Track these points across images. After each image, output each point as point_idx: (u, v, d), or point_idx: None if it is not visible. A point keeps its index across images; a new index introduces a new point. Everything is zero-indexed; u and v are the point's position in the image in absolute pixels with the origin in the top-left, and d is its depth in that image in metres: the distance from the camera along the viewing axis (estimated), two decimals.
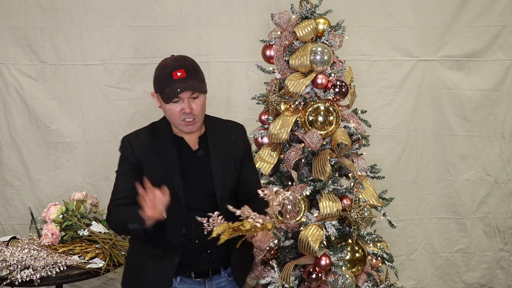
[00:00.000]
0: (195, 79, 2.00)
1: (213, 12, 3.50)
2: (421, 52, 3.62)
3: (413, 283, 3.77)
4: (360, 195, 2.72)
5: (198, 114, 2.03)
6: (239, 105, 3.52)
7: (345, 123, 2.76)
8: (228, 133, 2.15)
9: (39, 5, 3.43)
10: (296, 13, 2.78)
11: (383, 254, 2.83)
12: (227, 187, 2.07)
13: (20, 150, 3.51)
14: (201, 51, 3.50)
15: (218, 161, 2.06)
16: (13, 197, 3.54)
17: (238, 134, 2.17)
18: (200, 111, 2.03)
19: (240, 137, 2.17)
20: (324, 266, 2.59)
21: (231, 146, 2.12)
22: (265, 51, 2.85)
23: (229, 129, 2.17)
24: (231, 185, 2.09)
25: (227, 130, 2.16)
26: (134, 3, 3.46)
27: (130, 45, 3.48)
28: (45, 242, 2.59)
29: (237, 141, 2.15)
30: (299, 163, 2.77)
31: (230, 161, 2.09)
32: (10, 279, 2.32)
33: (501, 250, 3.83)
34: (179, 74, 1.99)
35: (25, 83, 3.48)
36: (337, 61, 2.80)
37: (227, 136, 2.13)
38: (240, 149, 2.14)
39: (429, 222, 3.76)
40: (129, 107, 3.52)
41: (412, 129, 3.66)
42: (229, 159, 2.09)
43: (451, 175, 3.73)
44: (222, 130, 2.14)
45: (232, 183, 2.10)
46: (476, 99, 3.67)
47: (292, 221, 2.65)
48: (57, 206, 2.73)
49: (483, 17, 3.62)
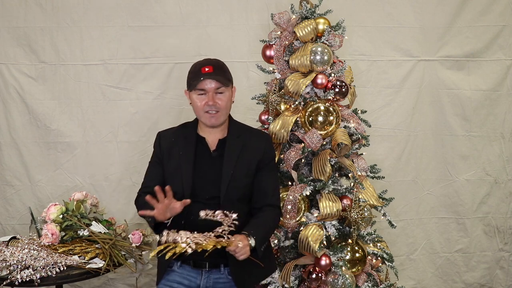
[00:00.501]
0: (221, 75, 2.17)
1: (213, 12, 3.50)
2: (421, 52, 3.62)
3: (413, 283, 3.77)
4: (360, 195, 2.72)
5: (222, 108, 2.17)
6: (239, 105, 3.51)
7: (345, 123, 2.76)
8: (248, 139, 2.22)
9: (39, 5, 3.44)
10: (296, 13, 2.78)
11: (383, 254, 2.83)
12: (235, 190, 2.14)
13: (20, 150, 3.51)
14: (201, 51, 3.50)
15: (230, 163, 2.15)
16: (13, 197, 3.54)
17: (258, 142, 2.23)
18: (224, 106, 2.17)
19: (260, 145, 2.22)
20: (324, 266, 2.59)
21: (247, 151, 2.18)
22: (265, 51, 2.85)
23: (250, 135, 2.25)
24: (241, 189, 2.15)
25: (248, 136, 2.23)
26: (134, 3, 3.46)
27: (130, 45, 3.48)
28: (45, 242, 2.59)
29: (255, 148, 2.20)
30: (299, 163, 2.77)
31: (243, 166, 2.16)
32: (10, 279, 2.32)
33: (501, 250, 3.84)
34: (207, 69, 2.18)
35: (25, 83, 3.48)
36: (337, 61, 2.80)
37: (246, 141, 2.20)
38: (257, 156, 2.19)
39: (429, 222, 3.76)
40: (129, 107, 3.52)
41: (412, 129, 3.67)
42: (243, 164, 2.16)
43: (451, 175, 3.73)
44: (243, 135, 2.22)
45: (243, 188, 2.16)
46: (476, 99, 3.67)
47: (292, 221, 2.65)
48: (57, 206, 2.73)
49: (483, 17, 3.62)
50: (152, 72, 3.51)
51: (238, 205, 2.13)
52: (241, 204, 2.16)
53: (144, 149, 3.54)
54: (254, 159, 2.17)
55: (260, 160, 2.18)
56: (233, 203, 2.12)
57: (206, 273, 2.18)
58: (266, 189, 2.18)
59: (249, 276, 2.22)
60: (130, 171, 3.54)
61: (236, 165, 2.15)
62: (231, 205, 2.08)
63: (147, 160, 3.52)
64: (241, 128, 2.29)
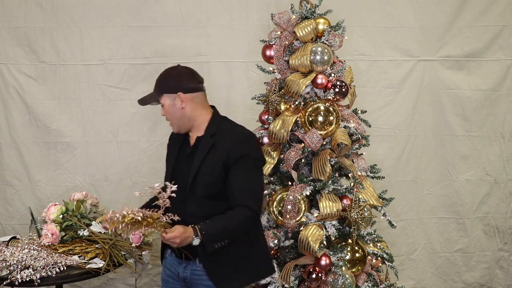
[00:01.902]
0: (156, 90, 2.28)
1: (213, 12, 3.50)
2: (421, 52, 3.62)
3: (413, 283, 3.77)
4: (360, 195, 2.72)
5: (169, 118, 2.28)
6: (239, 105, 3.52)
7: (345, 123, 2.76)
8: (219, 138, 2.21)
9: (39, 5, 3.44)
10: (296, 13, 2.78)
11: (383, 254, 2.83)
12: (198, 186, 2.19)
13: (20, 150, 3.51)
14: (201, 51, 3.50)
15: (198, 161, 2.20)
16: (13, 197, 3.54)
17: (225, 142, 2.20)
18: (170, 116, 2.27)
19: (225, 145, 2.18)
20: (324, 266, 2.59)
21: (216, 150, 2.19)
22: (265, 51, 2.85)
23: (222, 135, 2.23)
24: (204, 186, 2.18)
25: (220, 136, 2.22)
26: (134, 3, 3.46)
27: (130, 45, 3.48)
28: (45, 242, 2.59)
29: (221, 148, 2.18)
30: (299, 163, 2.77)
31: (209, 164, 2.18)
32: (10, 279, 2.32)
33: (500, 250, 3.84)
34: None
35: (25, 83, 3.48)
36: (337, 61, 2.80)
37: (217, 141, 2.21)
38: (222, 156, 2.16)
39: (429, 222, 3.76)
40: (129, 107, 3.52)
41: (412, 129, 3.67)
42: (209, 162, 2.18)
43: (451, 175, 3.73)
44: (217, 134, 2.22)
45: (206, 185, 2.18)
46: (476, 99, 3.67)
47: (292, 221, 2.65)
48: (57, 206, 2.72)
49: (483, 17, 3.62)
50: (152, 72, 3.50)
51: (203, 201, 2.19)
52: (207, 201, 2.19)
53: (144, 149, 3.54)
54: (220, 159, 2.17)
55: (225, 161, 2.16)
56: (198, 199, 2.19)
57: (184, 263, 2.27)
58: (234, 191, 2.16)
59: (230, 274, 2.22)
60: (130, 171, 3.54)
61: (203, 163, 2.19)
62: (197, 201, 2.19)
63: (147, 160, 3.55)
64: (220, 127, 2.26)
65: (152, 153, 3.54)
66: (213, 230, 2.08)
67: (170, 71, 2.28)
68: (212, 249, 2.08)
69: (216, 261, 2.18)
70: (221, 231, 2.11)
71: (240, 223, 2.14)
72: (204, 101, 2.29)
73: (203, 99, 2.29)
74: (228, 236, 2.13)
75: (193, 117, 2.25)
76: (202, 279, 2.22)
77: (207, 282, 2.21)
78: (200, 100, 2.26)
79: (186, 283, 2.29)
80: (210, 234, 2.07)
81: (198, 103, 2.25)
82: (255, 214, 2.16)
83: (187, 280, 2.27)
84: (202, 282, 2.23)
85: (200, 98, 2.26)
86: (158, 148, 3.53)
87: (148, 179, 3.51)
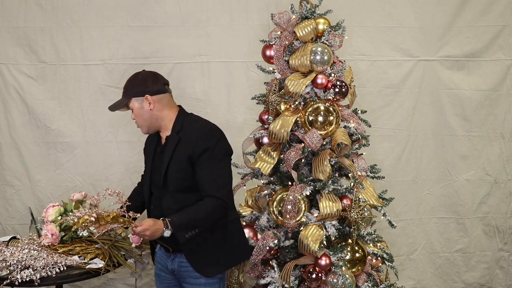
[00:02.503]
0: (123, 95, 2.39)
1: (213, 12, 3.50)
2: (421, 52, 3.62)
3: (413, 283, 3.77)
4: (360, 195, 2.72)
5: (138, 121, 2.39)
6: (239, 105, 3.52)
7: (345, 123, 2.76)
8: (183, 134, 2.31)
9: (39, 5, 3.44)
10: (296, 13, 2.78)
11: (383, 254, 2.83)
12: (169, 182, 2.31)
13: (20, 150, 3.51)
14: (201, 51, 3.50)
15: (166, 158, 2.32)
16: (13, 197, 3.54)
17: (189, 137, 2.30)
18: (139, 119, 2.38)
19: (190, 140, 2.29)
20: (324, 266, 2.59)
21: (181, 146, 2.30)
22: (265, 51, 2.85)
23: (186, 131, 2.32)
24: (174, 182, 2.30)
25: (184, 132, 2.32)
26: (134, 3, 3.46)
27: (130, 45, 3.48)
28: (45, 242, 2.59)
29: (186, 143, 2.29)
30: (299, 163, 2.77)
31: (176, 160, 2.30)
32: (10, 279, 2.32)
33: (500, 250, 3.84)
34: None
35: (25, 83, 3.48)
36: (337, 61, 2.80)
37: (182, 137, 2.31)
38: (187, 151, 2.27)
39: (429, 222, 3.76)
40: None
41: (412, 129, 3.67)
42: (177, 158, 2.30)
43: (451, 175, 3.73)
44: (182, 131, 2.33)
45: (176, 180, 2.30)
46: (476, 99, 3.67)
47: (292, 221, 2.65)
48: (55, 207, 2.73)
49: (483, 17, 3.62)
50: None
51: (178, 195, 2.30)
52: (181, 195, 2.30)
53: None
54: (185, 154, 2.27)
55: (190, 155, 2.26)
56: (171, 194, 2.31)
57: (172, 256, 2.39)
58: (202, 181, 2.27)
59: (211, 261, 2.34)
60: (130, 171, 3.54)
61: (171, 159, 2.30)
62: (171, 196, 2.31)
63: None
64: (185, 123, 2.36)
65: None
66: (181, 220, 2.20)
67: (136, 76, 2.38)
68: (183, 238, 2.20)
69: (197, 252, 2.31)
70: (190, 221, 2.21)
71: (208, 212, 2.24)
72: (170, 102, 2.39)
73: (169, 100, 2.38)
74: (198, 225, 2.23)
75: (160, 118, 2.36)
76: (189, 270, 2.33)
77: (193, 273, 2.32)
78: (166, 101, 2.36)
79: (175, 275, 2.42)
80: (179, 224, 2.19)
81: (164, 104, 2.35)
82: (223, 202, 2.26)
83: (175, 272, 2.40)
84: (189, 274, 2.34)
85: (166, 99, 2.37)
86: None
87: None
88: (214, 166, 2.28)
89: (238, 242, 2.47)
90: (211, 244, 2.33)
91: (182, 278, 2.39)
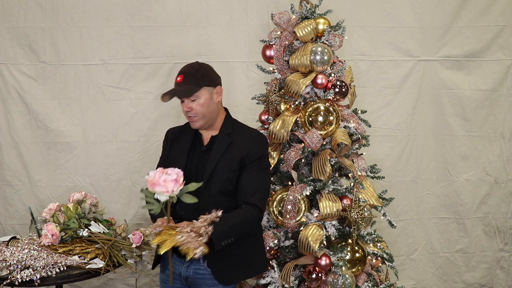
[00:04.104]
0: (191, 83, 2.22)
1: (213, 12, 3.50)
2: (421, 52, 3.62)
3: (413, 283, 3.77)
4: (360, 195, 2.72)
5: (198, 113, 2.25)
6: (239, 105, 3.52)
7: (345, 123, 2.76)
8: (237, 137, 2.28)
9: (39, 5, 3.44)
10: (296, 13, 2.78)
11: (383, 254, 2.82)
12: (214, 182, 2.23)
13: (20, 150, 3.51)
14: (201, 51, 3.50)
15: (215, 157, 2.25)
16: (13, 197, 3.54)
17: (246, 141, 2.27)
18: (200, 110, 2.24)
19: (246, 143, 2.26)
20: (324, 266, 2.59)
21: (234, 148, 2.25)
22: (265, 51, 2.85)
23: (241, 134, 2.30)
24: (220, 182, 2.23)
25: (238, 135, 2.29)
26: (134, 3, 3.46)
27: (130, 45, 3.48)
28: (45, 242, 2.59)
29: (241, 146, 2.25)
30: (299, 163, 2.77)
31: (226, 161, 2.24)
32: (10, 279, 2.32)
33: (501, 250, 3.83)
34: (179, 79, 2.26)
35: (25, 83, 3.48)
36: (337, 61, 2.80)
37: (235, 139, 2.27)
38: (241, 153, 2.24)
39: (429, 222, 3.76)
40: (129, 107, 3.52)
41: (412, 129, 3.66)
42: (227, 159, 2.24)
43: (451, 175, 3.73)
44: (233, 133, 2.29)
45: (223, 181, 2.23)
46: (476, 99, 3.67)
47: (292, 221, 2.65)
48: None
49: (483, 17, 3.62)
50: (152, 72, 3.51)
51: (218, 198, 2.23)
52: (221, 198, 2.24)
53: (144, 149, 3.54)
54: (238, 155, 2.23)
55: (243, 157, 2.23)
56: (212, 195, 2.22)
57: (187, 263, 2.28)
58: (246, 188, 2.23)
59: (232, 270, 2.28)
60: (130, 171, 3.54)
61: (220, 159, 2.24)
62: (211, 197, 2.22)
63: (147, 160, 3.55)
64: (235, 126, 2.34)
65: (152, 153, 3.54)
66: (220, 228, 2.09)
67: (202, 66, 2.29)
68: (219, 246, 2.11)
69: (221, 258, 2.22)
70: (228, 228, 2.14)
71: (247, 221, 2.20)
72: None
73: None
74: (234, 233, 2.17)
75: (217, 114, 2.32)
76: (206, 278, 2.25)
77: (210, 280, 2.24)
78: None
79: (188, 282, 2.31)
80: (217, 232, 2.08)
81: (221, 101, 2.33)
82: (260, 213, 2.24)
83: (189, 279, 2.30)
84: (205, 281, 2.26)
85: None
86: (158, 148, 3.50)
87: None
88: (261, 174, 2.27)
89: (260, 253, 2.43)
90: (237, 252, 2.26)
91: (196, 286, 2.30)
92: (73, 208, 2.74)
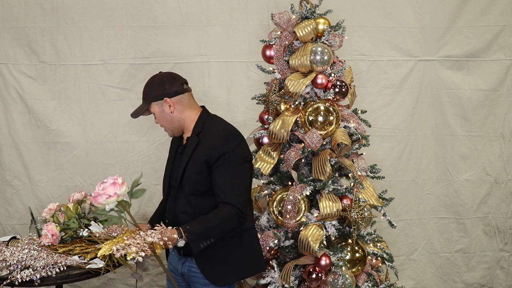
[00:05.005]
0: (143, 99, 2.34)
1: (213, 12, 3.50)
2: (421, 52, 3.62)
3: (413, 283, 3.77)
4: (360, 195, 2.72)
5: (162, 124, 2.35)
6: (239, 105, 3.52)
7: (345, 123, 2.76)
8: (203, 137, 2.26)
9: (39, 5, 3.44)
10: (296, 13, 2.78)
11: (383, 254, 2.82)
12: (185, 185, 2.26)
13: (20, 150, 3.51)
14: (201, 51, 3.50)
15: (185, 160, 2.28)
16: (13, 197, 3.54)
17: (207, 141, 2.24)
18: (161, 123, 2.35)
19: (207, 144, 2.22)
20: (324, 266, 2.59)
21: (200, 149, 2.24)
22: (265, 51, 2.85)
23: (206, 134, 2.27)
24: (190, 184, 2.25)
25: (204, 135, 2.27)
26: (134, 3, 3.46)
27: (130, 45, 3.48)
28: (45, 242, 2.59)
29: (204, 146, 2.23)
30: (299, 163, 2.77)
31: (195, 162, 2.24)
32: (10, 279, 2.31)
33: (501, 250, 3.84)
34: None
35: (25, 83, 3.48)
36: (337, 61, 2.80)
37: (201, 139, 2.26)
38: (205, 155, 2.20)
39: (429, 222, 3.76)
40: (129, 107, 3.51)
41: (412, 129, 3.67)
42: (195, 160, 2.24)
43: (451, 175, 3.73)
44: (202, 132, 2.28)
45: (192, 183, 2.24)
46: (476, 99, 3.67)
47: (292, 221, 2.65)
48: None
49: (483, 17, 3.62)
50: (152, 72, 3.46)
51: (192, 199, 2.25)
52: (196, 199, 2.25)
53: (144, 149, 3.54)
54: (203, 156, 2.22)
55: (207, 160, 2.20)
56: (186, 197, 2.26)
57: (183, 259, 2.34)
58: (218, 187, 2.20)
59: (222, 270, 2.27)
60: (130, 171, 3.54)
61: (190, 161, 2.25)
62: (185, 199, 2.26)
63: (147, 160, 3.55)
64: (206, 125, 2.31)
65: (152, 153, 3.54)
66: (196, 230, 2.12)
67: (153, 80, 2.34)
68: (197, 249, 2.12)
69: (209, 258, 2.23)
70: (205, 230, 2.13)
71: (223, 221, 2.16)
72: (191, 102, 2.33)
73: (189, 99, 2.32)
74: (213, 234, 2.15)
75: (182, 119, 2.31)
76: (198, 276, 2.28)
77: (202, 280, 2.26)
78: (186, 102, 2.31)
79: (184, 279, 2.38)
80: (193, 234, 2.10)
81: (185, 105, 2.30)
82: (239, 211, 2.17)
83: (184, 276, 2.36)
84: (198, 280, 2.29)
85: (186, 100, 2.31)
86: (158, 148, 3.53)
87: (148, 179, 3.51)
88: (230, 172, 2.19)
89: (253, 253, 2.37)
90: (224, 252, 2.25)
91: (191, 283, 2.35)
92: (73, 208, 2.74)
